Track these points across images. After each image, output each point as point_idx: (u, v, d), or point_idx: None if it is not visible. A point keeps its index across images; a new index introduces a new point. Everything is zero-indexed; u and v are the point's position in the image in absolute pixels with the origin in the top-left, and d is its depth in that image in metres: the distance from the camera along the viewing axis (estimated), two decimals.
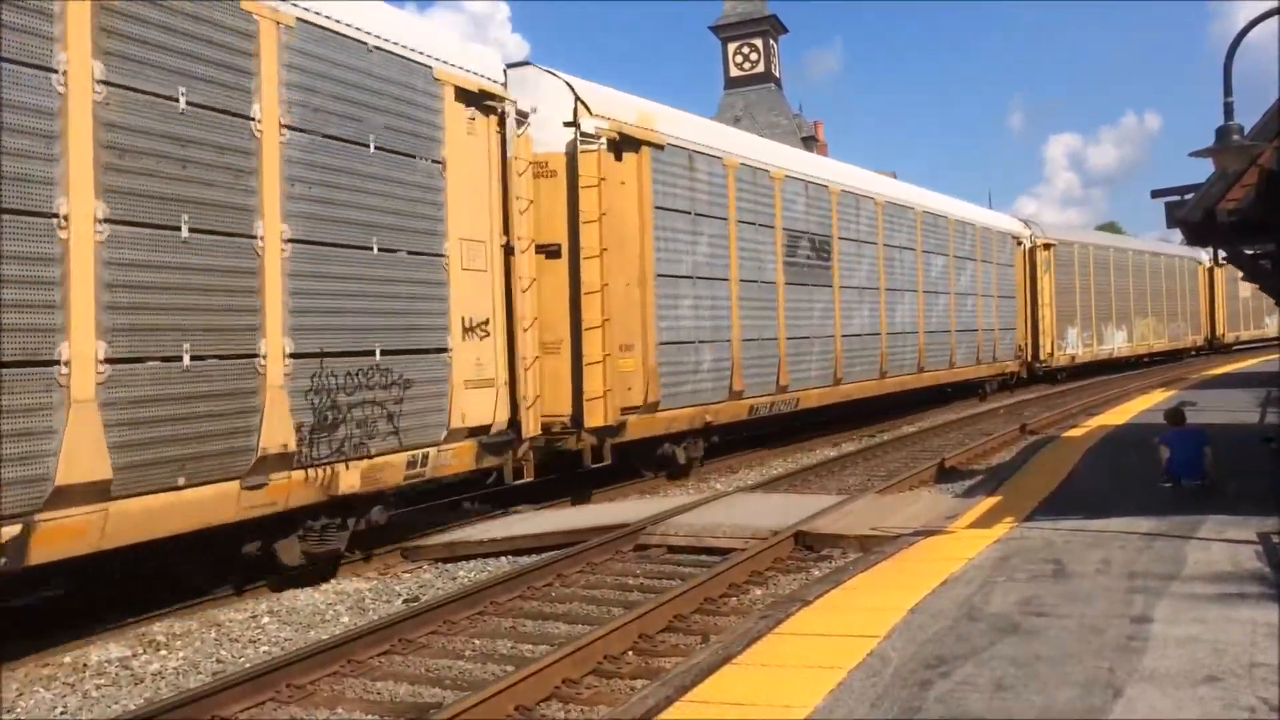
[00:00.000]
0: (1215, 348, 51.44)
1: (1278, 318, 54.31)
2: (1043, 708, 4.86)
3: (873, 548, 9.45)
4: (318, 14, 9.46)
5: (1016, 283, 31.86)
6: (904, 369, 23.98)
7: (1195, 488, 10.64)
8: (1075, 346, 35.93)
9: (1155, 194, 11.63)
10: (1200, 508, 9.74)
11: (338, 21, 9.68)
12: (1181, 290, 47.26)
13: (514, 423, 11.91)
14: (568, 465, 14.03)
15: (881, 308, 22.77)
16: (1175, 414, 11.68)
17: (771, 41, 55.63)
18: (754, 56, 55.47)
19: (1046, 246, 33.81)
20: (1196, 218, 9.33)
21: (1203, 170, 9.43)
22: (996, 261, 29.92)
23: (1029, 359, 32.85)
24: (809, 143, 52.62)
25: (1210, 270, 48.13)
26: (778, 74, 56.10)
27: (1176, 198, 11.24)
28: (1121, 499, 10.53)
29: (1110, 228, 79.89)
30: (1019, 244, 32.36)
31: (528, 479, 12.35)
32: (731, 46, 55.71)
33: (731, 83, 55.63)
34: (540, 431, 12.66)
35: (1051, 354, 33.62)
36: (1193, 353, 49.21)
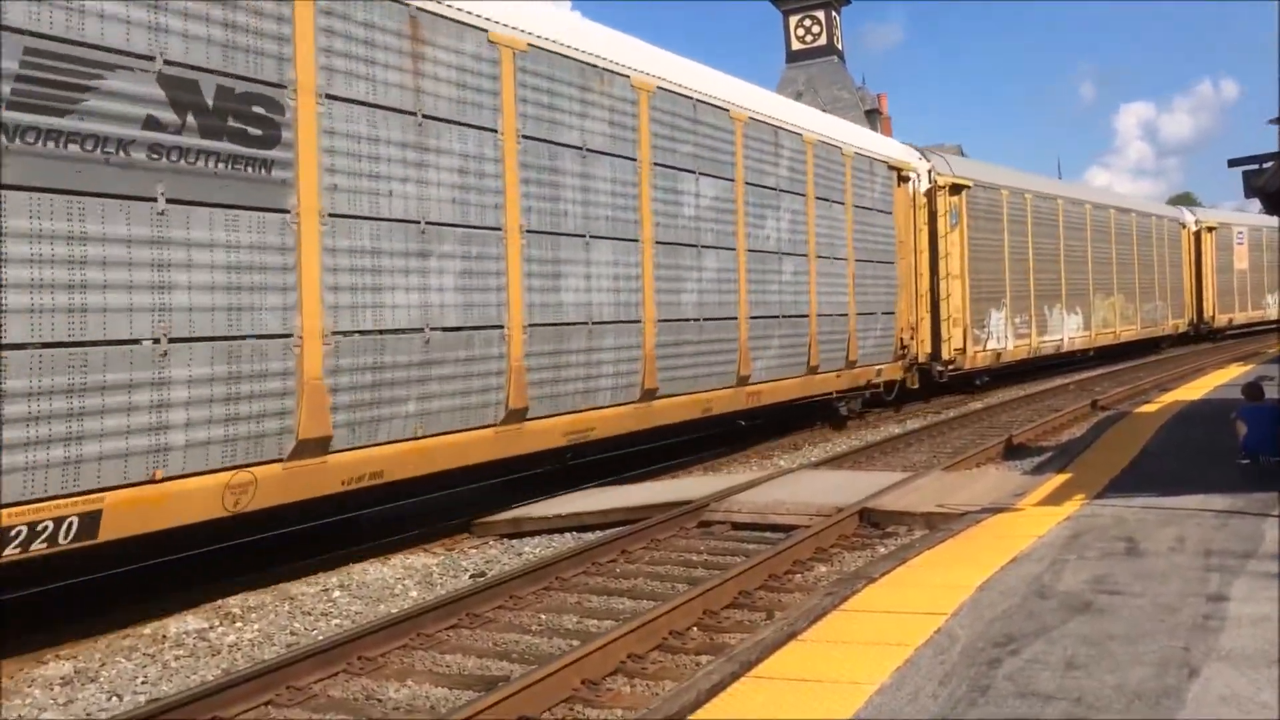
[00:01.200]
0: (1202, 333, 42.01)
1: (1279, 296, 47.24)
2: (1116, 687, 4.78)
3: (939, 525, 9.36)
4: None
5: (900, 241, 20.87)
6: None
7: (1274, 464, 10.37)
8: (1003, 338, 25.20)
9: (1233, 163, 11.33)
10: (1279, 484, 9.50)
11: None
12: (1160, 260, 37.39)
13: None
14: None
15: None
16: (1253, 389, 11.38)
17: (834, 13, 54.90)
18: (815, 29, 54.81)
19: (955, 189, 22.94)
20: (1276, 185, 9.06)
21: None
22: (857, 203, 19.21)
23: (921, 358, 21.81)
24: (873, 116, 51.93)
25: (1197, 235, 40.89)
26: (840, 46, 55.39)
27: (1255, 166, 10.95)
28: (1196, 476, 10.30)
29: (1185, 199, 77.81)
30: (903, 181, 21.10)
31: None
32: (793, 19, 55.09)
33: (793, 56, 55.05)
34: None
35: (964, 349, 22.95)
36: (1168, 343, 39.67)
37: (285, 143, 8.53)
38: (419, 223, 9.81)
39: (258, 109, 8.30)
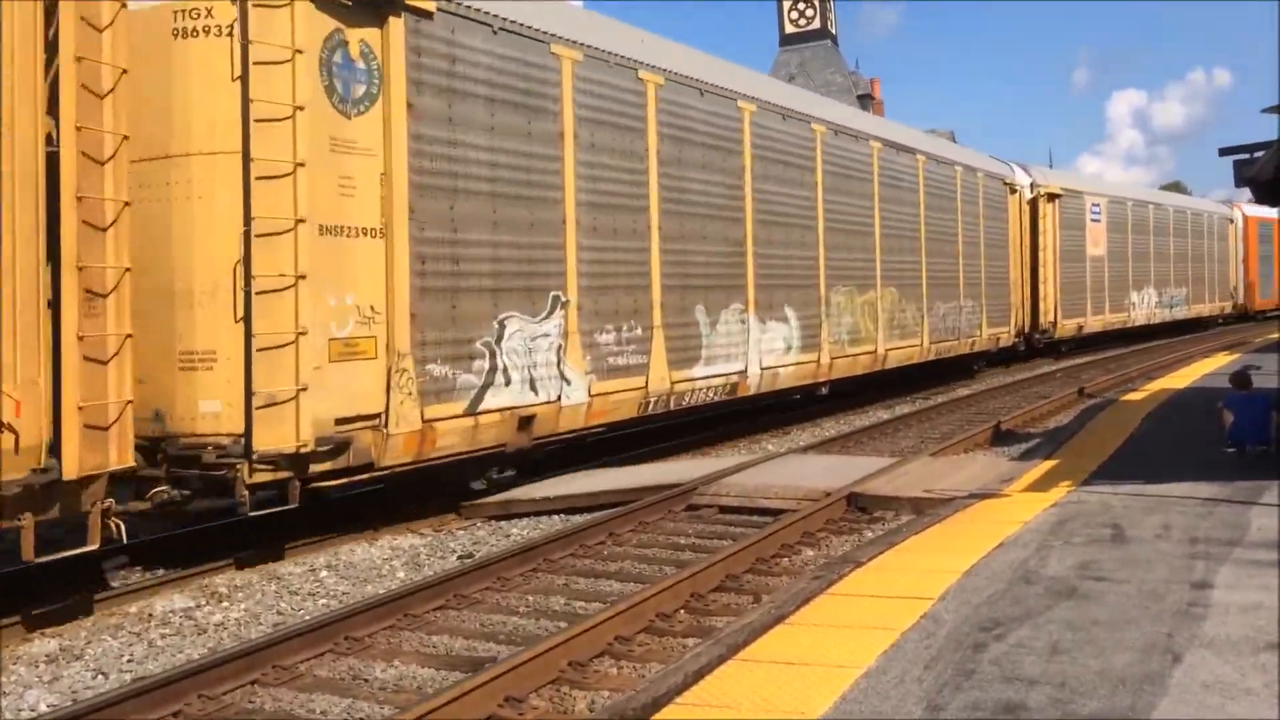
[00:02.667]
0: (1037, 346, 29.86)
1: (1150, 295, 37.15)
2: (1100, 672, 4.81)
3: (926, 510, 9.39)
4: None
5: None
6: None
7: (1260, 453, 10.42)
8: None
9: (1224, 151, 11.33)
10: (1265, 473, 9.54)
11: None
12: (970, 234, 26.63)
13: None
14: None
15: None
16: (1240, 377, 11.42)
17: None
18: (809, 13, 54.69)
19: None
20: (1268, 175, 9.08)
21: (1274, 128, 9.15)
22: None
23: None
24: (865, 100, 51.85)
25: (1033, 204, 28.95)
26: (833, 30, 55.26)
27: (1246, 156, 10.95)
28: (1183, 464, 10.34)
29: (1175, 187, 77.92)
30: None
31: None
32: (786, 3, 54.95)
33: (786, 40, 54.94)
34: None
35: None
36: (983, 362, 27.13)
37: None
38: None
39: None
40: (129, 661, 7.03)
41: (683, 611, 7.48)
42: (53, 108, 6.99)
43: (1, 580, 8.11)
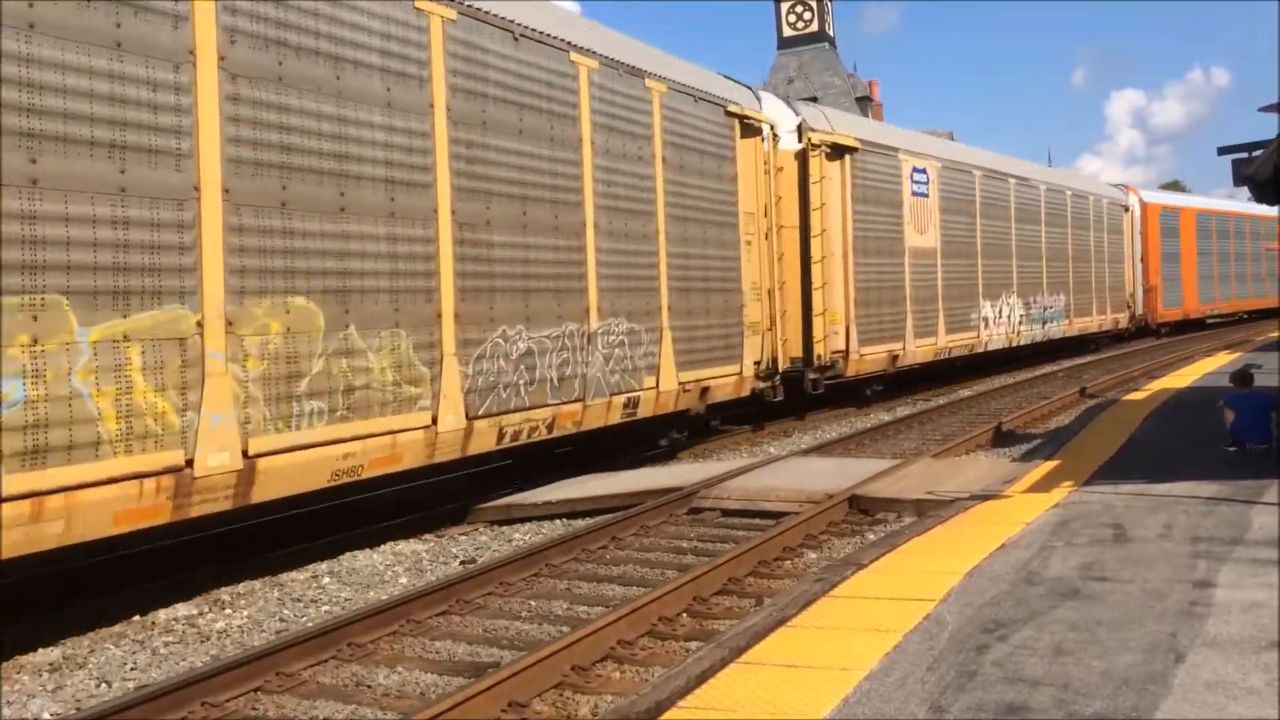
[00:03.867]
0: (817, 392, 18.59)
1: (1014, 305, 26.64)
2: (1103, 672, 4.80)
3: (928, 512, 9.39)
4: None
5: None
6: None
7: (1261, 451, 10.42)
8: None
9: (1222, 150, 11.34)
10: (1266, 472, 9.54)
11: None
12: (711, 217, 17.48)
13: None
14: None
15: None
16: (1241, 376, 11.43)
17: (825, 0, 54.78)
18: (807, 15, 54.74)
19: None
20: (1266, 174, 9.08)
21: (1273, 127, 9.16)
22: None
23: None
24: (863, 103, 51.90)
25: (801, 158, 18.00)
26: (832, 33, 55.32)
27: (1244, 154, 10.95)
28: (1184, 463, 10.34)
29: (1174, 186, 77.95)
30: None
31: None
32: (785, 5, 55.01)
33: (785, 43, 55.00)
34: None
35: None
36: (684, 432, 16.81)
37: None
38: None
39: None
40: (132, 669, 7.03)
41: (685, 615, 7.48)
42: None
43: (3, 590, 8.12)
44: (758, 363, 16.11)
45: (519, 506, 11.31)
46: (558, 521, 11.03)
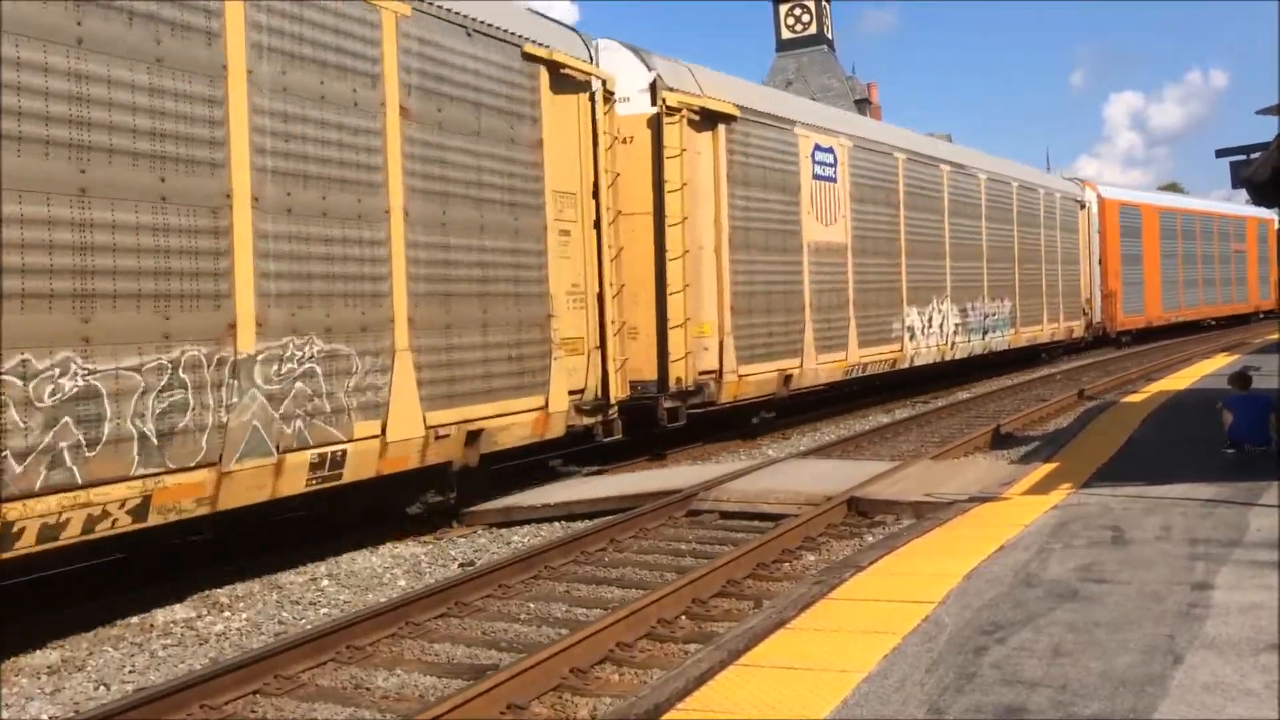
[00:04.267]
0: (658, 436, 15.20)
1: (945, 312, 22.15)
2: (1101, 674, 4.81)
3: (927, 514, 9.39)
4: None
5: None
6: None
7: (1259, 453, 10.42)
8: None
9: (1220, 153, 11.36)
10: (1265, 473, 9.54)
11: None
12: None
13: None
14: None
15: None
16: (1240, 378, 11.43)
17: (824, 2, 54.86)
18: (805, 18, 54.80)
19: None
20: (1264, 176, 9.10)
21: (1271, 129, 9.18)
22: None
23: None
24: (862, 105, 51.95)
25: (656, 124, 13.60)
26: (830, 35, 55.39)
27: (1242, 157, 10.97)
28: (1182, 465, 10.34)
29: (1173, 188, 78.01)
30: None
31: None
32: (783, 8, 55.07)
33: (783, 45, 55.07)
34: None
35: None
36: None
37: None
38: None
39: None
40: (130, 672, 7.02)
41: (684, 617, 7.48)
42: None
43: (2, 591, 8.11)
44: (577, 392, 12.14)
45: (518, 509, 11.31)
46: (556, 524, 11.03)
